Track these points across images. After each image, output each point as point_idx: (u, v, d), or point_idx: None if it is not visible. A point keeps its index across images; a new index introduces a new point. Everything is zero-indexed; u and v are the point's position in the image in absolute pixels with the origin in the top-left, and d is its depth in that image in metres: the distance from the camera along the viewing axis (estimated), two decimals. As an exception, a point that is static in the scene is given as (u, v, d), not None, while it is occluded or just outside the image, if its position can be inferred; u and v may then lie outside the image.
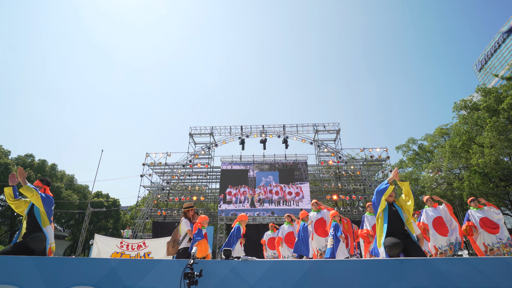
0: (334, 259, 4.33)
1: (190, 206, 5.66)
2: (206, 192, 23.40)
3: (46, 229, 4.14)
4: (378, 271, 2.76)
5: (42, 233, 4.05)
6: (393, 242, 3.53)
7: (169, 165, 22.40)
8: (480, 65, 78.71)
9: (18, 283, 2.89)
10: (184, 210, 5.65)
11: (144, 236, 20.32)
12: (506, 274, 2.65)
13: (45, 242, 3.99)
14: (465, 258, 2.81)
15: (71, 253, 40.48)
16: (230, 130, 23.13)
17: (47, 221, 4.22)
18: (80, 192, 40.69)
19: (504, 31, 64.46)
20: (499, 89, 24.37)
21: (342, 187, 21.12)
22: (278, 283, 2.76)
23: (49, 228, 4.21)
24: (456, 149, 24.30)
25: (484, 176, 22.86)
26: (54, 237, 4.42)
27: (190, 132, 23.66)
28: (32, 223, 4.14)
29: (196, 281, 2.49)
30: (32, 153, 38.58)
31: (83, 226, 21.63)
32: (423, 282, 2.67)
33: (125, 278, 2.87)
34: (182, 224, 5.43)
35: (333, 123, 22.90)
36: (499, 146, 20.93)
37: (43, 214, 4.19)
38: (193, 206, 5.74)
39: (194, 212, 5.72)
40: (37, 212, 4.17)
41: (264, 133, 22.67)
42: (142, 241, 10.80)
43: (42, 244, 3.92)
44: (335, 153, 22.07)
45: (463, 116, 25.84)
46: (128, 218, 45.16)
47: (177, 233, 5.45)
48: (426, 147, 33.75)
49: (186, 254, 5.07)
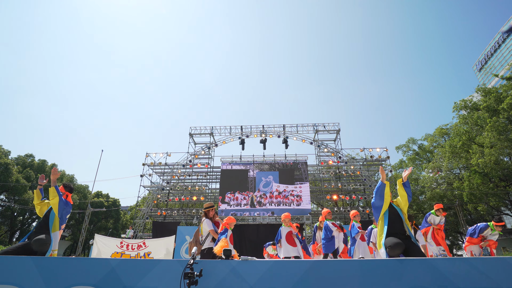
0: (334, 259, 4.33)
1: (211, 206, 5.69)
2: (206, 192, 23.39)
3: (54, 235, 4.11)
4: (378, 271, 2.76)
5: (48, 237, 4.01)
6: (395, 242, 3.52)
7: (169, 165, 22.39)
8: (480, 65, 78.73)
9: (18, 283, 2.89)
10: (205, 210, 5.67)
11: (144, 236, 20.31)
12: (506, 274, 2.65)
13: (48, 246, 3.95)
14: (465, 258, 2.82)
15: (71, 253, 40.49)
16: (230, 130, 23.13)
17: (57, 227, 4.19)
18: (80, 192, 40.70)
19: (504, 31, 64.47)
20: (499, 89, 24.39)
21: (342, 187, 21.12)
22: (278, 283, 2.76)
23: (56, 234, 4.16)
24: (456, 149, 24.31)
25: (484, 176, 22.87)
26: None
27: (190, 132, 23.66)
28: (43, 225, 4.13)
29: (196, 281, 2.49)
30: (32, 153, 38.65)
31: (83, 226, 21.64)
32: (423, 282, 2.67)
33: (125, 278, 2.87)
34: (203, 224, 5.43)
35: (333, 123, 22.90)
36: (499, 146, 20.94)
37: (56, 220, 4.18)
38: (213, 206, 5.79)
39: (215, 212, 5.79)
40: (52, 216, 4.16)
41: (264, 133, 22.67)
42: (142, 241, 10.79)
43: (45, 247, 3.89)
44: (335, 153, 22.07)
45: (463, 116, 25.85)
46: (128, 218, 45.18)
47: (199, 233, 5.45)
48: (426, 147, 33.76)
49: (211, 254, 5.05)
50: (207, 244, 5.27)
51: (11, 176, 31.00)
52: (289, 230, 6.42)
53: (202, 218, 5.62)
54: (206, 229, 5.36)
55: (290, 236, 6.35)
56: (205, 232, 5.36)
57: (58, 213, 4.18)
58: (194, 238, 5.48)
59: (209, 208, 5.66)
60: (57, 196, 4.15)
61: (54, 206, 4.15)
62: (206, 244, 5.27)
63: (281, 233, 6.48)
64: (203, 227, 5.43)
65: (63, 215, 4.29)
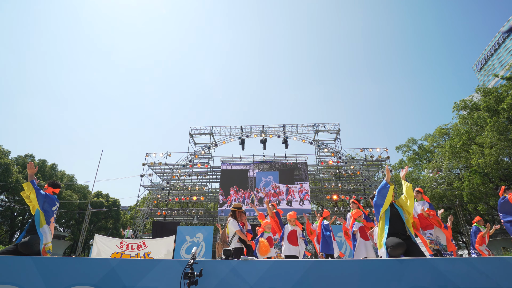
0: (334, 259, 4.34)
1: (239, 208, 5.74)
2: (206, 192, 23.40)
3: (43, 229, 4.06)
4: (378, 271, 2.76)
5: (34, 236, 3.96)
6: (396, 242, 3.53)
7: (169, 165, 22.40)
8: (480, 65, 78.75)
9: (18, 283, 2.89)
10: (232, 209, 5.71)
11: (144, 236, 20.32)
12: (506, 274, 2.65)
13: (37, 246, 3.90)
14: (465, 258, 2.81)
15: (71, 253, 40.49)
16: (230, 130, 23.13)
17: (44, 220, 4.13)
18: (80, 192, 40.71)
19: (504, 31, 64.44)
20: (499, 89, 24.38)
21: (342, 187, 21.12)
22: (278, 283, 2.76)
23: (46, 228, 4.11)
24: (456, 149, 24.31)
25: (484, 176, 22.86)
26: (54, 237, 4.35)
27: (190, 132, 23.66)
28: (32, 223, 4.10)
29: (196, 281, 2.49)
30: (32, 153, 38.63)
31: (83, 226, 21.64)
32: (423, 282, 2.67)
33: (125, 278, 2.87)
34: (229, 224, 5.46)
35: (333, 123, 22.91)
36: (499, 146, 20.94)
37: (41, 214, 4.12)
38: (241, 207, 5.84)
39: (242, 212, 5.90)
40: (37, 212, 4.11)
41: (264, 133, 22.67)
42: (142, 241, 10.78)
43: (32, 249, 3.83)
44: (335, 153, 22.08)
45: (463, 116, 25.84)
46: (128, 218, 45.15)
47: (225, 233, 5.50)
48: (426, 147, 33.77)
49: (239, 254, 5.12)
50: (234, 244, 5.32)
51: (11, 176, 31.02)
52: (293, 229, 6.42)
53: (228, 218, 5.64)
54: (232, 229, 5.39)
55: (293, 235, 6.35)
56: (231, 232, 5.39)
57: (39, 206, 4.11)
58: (221, 238, 5.53)
59: (237, 209, 5.70)
60: (33, 190, 4.07)
61: (33, 201, 4.10)
62: (233, 244, 5.32)
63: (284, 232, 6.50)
64: (229, 227, 5.46)
65: (47, 208, 4.22)
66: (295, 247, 6.26)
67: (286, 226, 6.57)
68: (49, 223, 4.20)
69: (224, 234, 5.53)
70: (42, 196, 4.21)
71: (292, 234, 6.36)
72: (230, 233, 5.42)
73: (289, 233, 6.39)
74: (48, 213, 4.22)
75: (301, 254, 6.32)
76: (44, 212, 4.18)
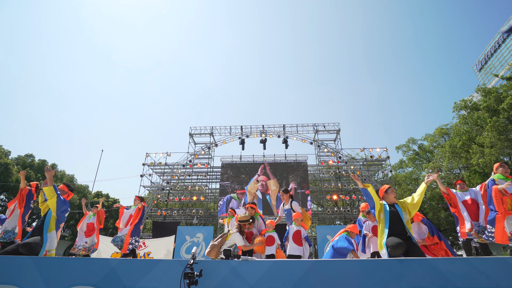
0: (334, 259, 4.34)
1: (247, 220, 5.43)
2: (206, 192, 23.40)
3: (50, 235, 4.03)
4: (378, 271, 2.76)
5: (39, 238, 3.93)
6: (397, 242, 3.55)
7: (169, 165, 22.40)
8: (480, 65, 78.75)
9: (18, 283, 2.89)
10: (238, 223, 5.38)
11: (144, 236, 20.31)
12: (506, 274, 2.65)
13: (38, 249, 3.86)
14: (465, 258, 2.82)
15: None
16: (230, 130, 23.13)
17: (54, 226, 4.11)
18: (80, 192, 40.71)
19: (504, 31, 64.52)
20: (499, 89, 24.36)
21: (342, 187, 21.12)
22: (278, 283, 2.76)
23: (53, 234, 4.08)
24: (456, 149, 24.31)
25: (484, 176, 22.84)
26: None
27: (190, 132, 23.67)
28: (40, 225, 4.07)
29: (196, 281, 2.49)
30: (32, 153, 38.61)
31: (83, 226, 21.59)
32: (423, 282, 2.67)
33: (125, 278, 2.87)
34: (233, 235, 5.25)
35: (333, 123, 22.90)
36: (499, 146, 20.94)
37: (53, 219, 4.10)
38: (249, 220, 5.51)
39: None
40: (49, 216, 4.09)
41: (264, 133, 22.67)
42: (142, 241, 10.79)
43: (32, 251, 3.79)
44: (335, 153, 22.07)
45: (463, 116, 25.83)
46: (128, 218, 45.08)
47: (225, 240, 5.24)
48: (426, 147, 33.76)
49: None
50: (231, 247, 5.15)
51: (11, 176, 31.00)
52: (297, 230, 6.42)
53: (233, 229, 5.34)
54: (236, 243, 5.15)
55: (298, 236, 6.36)
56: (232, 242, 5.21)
57: (56, 212, 4.09)
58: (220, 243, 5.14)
59: (245, 222, 5.35)
60: (55, 196, 4.07)
61: (52, 205, 4.07)
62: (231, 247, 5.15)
63: (289, 231, 6.51)
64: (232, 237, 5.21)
65: (61, 214, 4.22)
66: (299, 247, 6.27)
67: (291, 226, 6.57)
68: (58, 228, 4.18)
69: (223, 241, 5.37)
70: (62, 202, 4.20)
71: (296, 234, 6.37)
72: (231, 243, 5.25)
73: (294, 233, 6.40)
74: (59, 218, 4.21)
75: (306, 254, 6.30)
76: (57, 217, 4.16)
